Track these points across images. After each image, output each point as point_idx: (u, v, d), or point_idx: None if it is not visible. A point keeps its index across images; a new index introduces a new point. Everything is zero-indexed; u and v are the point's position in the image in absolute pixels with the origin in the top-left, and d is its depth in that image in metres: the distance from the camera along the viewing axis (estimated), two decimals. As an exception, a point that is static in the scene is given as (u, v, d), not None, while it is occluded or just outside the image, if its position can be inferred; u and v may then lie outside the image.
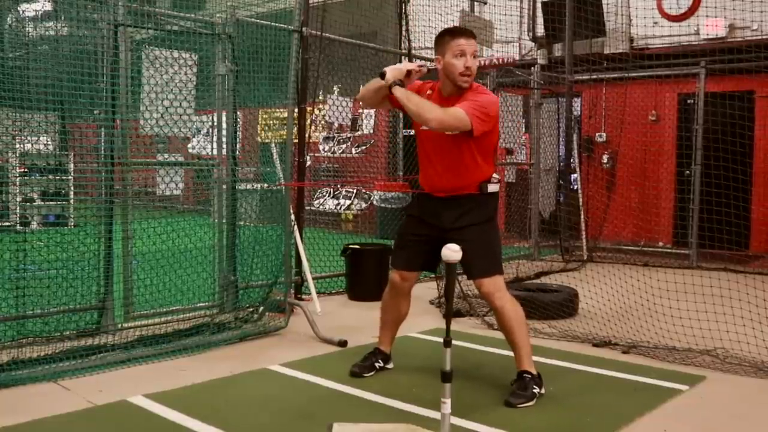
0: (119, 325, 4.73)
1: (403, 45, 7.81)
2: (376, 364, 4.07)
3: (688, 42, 9.34)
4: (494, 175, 3.81)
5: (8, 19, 5.30)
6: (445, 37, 3.69)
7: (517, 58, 10.76)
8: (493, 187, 3.78)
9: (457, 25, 7.93)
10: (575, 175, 9.53)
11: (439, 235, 3.67)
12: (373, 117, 10.28)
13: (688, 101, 9.29)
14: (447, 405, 2.79)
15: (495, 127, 3.74)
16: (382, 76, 3.67)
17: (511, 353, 3.77)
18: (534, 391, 3.59)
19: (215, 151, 5.37)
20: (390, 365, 4.15)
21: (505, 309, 3.66)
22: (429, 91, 3.82)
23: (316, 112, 8.62)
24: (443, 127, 3.58)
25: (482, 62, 3.90)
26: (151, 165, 5.57)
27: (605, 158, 10.02)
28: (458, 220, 3.73)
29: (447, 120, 3.53)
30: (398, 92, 3.62)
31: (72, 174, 7.09)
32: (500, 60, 4.21)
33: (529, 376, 3.64)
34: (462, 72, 3.62)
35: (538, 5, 10.56)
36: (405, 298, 4.04)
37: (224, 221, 5.29)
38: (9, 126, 4.60)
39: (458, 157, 3.69)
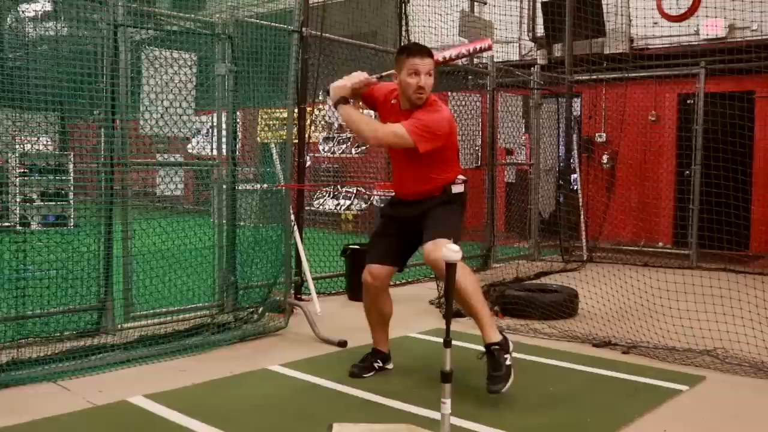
0: (119, 326, 4.73)
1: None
2: (375, 365, 4.07)
3: (688, 42, 9.35)
4: (459, 176, 3.89)
5: (8, 19, 5.30)
6: (402, 54, 3.77)
7: (517, 57, 10.78)
8: (457, 188, 3.87)
9: (459, 24, 7.96)
10: (575, 175, 9.53)
11: (408, 228, 3.84)
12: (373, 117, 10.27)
13: (688, 101, 9.30)
14: (447, 405, 2.79)
15: (448, 141, 3.79)
16: (328, 92, 3.81)
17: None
18: (507, 363, 3.57)
19: (215, 152, 5.37)
20: (390, 365, 4.14)
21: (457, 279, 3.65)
22: (393, 101, 3.88)
23: (316, 112, 8.61)
24: (382, 144, 3.79)
25: (449, 56, 3.95)
26: (150, 165, 5.57)
27: (605, 158, 10.03)
28: (421, 214, 3.82)
29: (384, 137, 3.69)
30: (341, 112, 3.78)
31: (72, 174, 7.09)
32: (468, 50, 4.15)
33: (497, 346, 3.61)
34: (414, 90, 3.68)
35: (538, 5, 10.57)
36: (381, 296, 4.01)
37: (224, 221, 5.30)
38: (9, 126, 4.60)
39: (420, 166, 3.77)
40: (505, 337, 3.70)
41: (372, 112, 4.20)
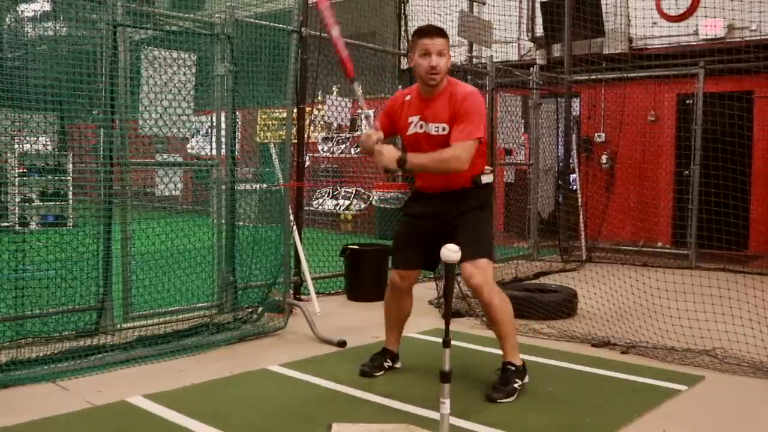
0: (118, 326, 4.73)
1: (402, 45, 7.81)
2: (385, 364, 4.09)
3: (687, 42, 9.35)
4: (487, 166, 3.88)
5: (7, 19, 5.30)
6: (414, 37, 3.77)
7: (516, 58, 10.79)
8: (486, 178, 3.86)
9: (458, 24, 7.95)
10: (574, 175, 9.53)
11: (436, 228, 3.76)
12: (372, 117, 10.25)
13: (687, 101, 9.30)
14: (446, 405, 2.79)
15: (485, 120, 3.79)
16: (401, 163, 3.61)
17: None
18: (515, 385, 3.63)
19: (214, 152, 5.37)
20: (398, 364, 4.16)
21: (493, 304, 3.66)
22: (408, 97, 3.86)
23: (315, 112, 8.62)
24: (467, 161, 3.60)
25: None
26: (150, 165, 5.57)
27: (604, 158, 10.03)
28: (454, 209, 3.78)
29: (463, 153, 3.58)
30: (411, 167, 3.66)
31: (71, 174, 7.09)
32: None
33: (513, 367, 3.68)
34: (427, 71, 3.65)
35: (537, 5, 10.57)
36: (406, 296, 4.06)
37: (223, 221, 5.29)
38: (8, 126, 4.60)
39: None
40: (525, 366, 3.74)
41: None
